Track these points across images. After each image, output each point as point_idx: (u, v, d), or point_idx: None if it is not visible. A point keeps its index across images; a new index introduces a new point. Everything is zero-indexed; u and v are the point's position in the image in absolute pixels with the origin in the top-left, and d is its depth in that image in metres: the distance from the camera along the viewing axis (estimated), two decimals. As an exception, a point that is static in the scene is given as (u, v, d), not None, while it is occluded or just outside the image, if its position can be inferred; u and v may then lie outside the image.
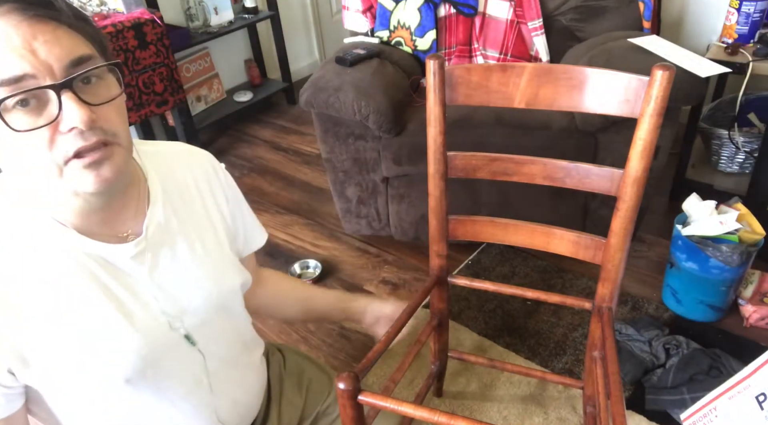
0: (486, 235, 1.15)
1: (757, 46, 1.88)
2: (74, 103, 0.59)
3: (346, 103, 1.70)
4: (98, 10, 2.30)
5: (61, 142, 0.60)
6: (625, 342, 1.56)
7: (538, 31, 1.98)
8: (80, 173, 0.62)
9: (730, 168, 2.12)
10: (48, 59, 0.58)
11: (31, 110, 0.59)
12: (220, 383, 0.87)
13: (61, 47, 0.59)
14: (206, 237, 0.84)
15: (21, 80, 0.57)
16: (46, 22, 0.59)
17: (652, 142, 0.88)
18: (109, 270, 0.72)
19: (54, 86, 0.59)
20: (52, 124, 0.60)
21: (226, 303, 0.88)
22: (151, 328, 0.75)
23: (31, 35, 0.58)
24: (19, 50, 0.57)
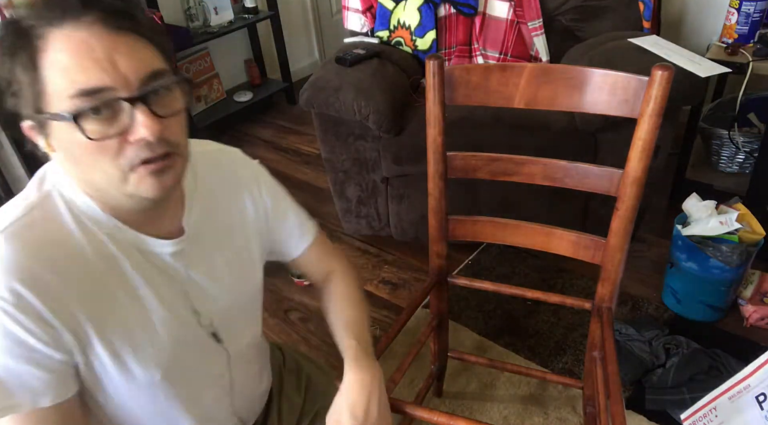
0: (486, 235, 1.15)
1: (757, 46, 1.88)
2: (146, 116, 0.61)
3: (346, 103, 1.70)
4: (98, 10, 2.29)
5: (129, 150, 0.62)
6: (625, 342, 1.56)
7: (538, 31, 1.98)
8: (144, 180, 0.64)
9: (730, 168, 2.11)
10: (126, 72, 0.60)
11: (104, 119, 0.60)
12: (239, 378, 0.90)
13: (138, 60, 0.61)
14: (237, 238, 0.85)
15: (100, 91, 0.59)
16: (127, 34, 0.61)
17: (651, 142, 0.88)
18: (152, 263, 0.74)
19: (130, 99, 0.60)
20: (122, 133, 0.61)
21: (250, 303, 0.91)
22: (182, 324, 0.77)
23: (113, 47, 0.59)
24: (101, 63, 0.59)
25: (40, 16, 0.59)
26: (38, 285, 0.62)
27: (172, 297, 0.76)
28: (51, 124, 0.61)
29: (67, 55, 0.58)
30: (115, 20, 0.60)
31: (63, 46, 0.58)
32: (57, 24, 0.58)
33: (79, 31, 0.58)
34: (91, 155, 0.62)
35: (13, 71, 0.60)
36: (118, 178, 0.63)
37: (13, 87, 0.61)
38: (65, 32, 0.58)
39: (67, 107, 0.59)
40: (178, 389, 0.79)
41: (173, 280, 0.76)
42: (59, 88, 0.59)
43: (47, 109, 0.60)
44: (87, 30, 0.59)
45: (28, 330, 0.62)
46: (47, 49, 0.59)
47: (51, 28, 0.59)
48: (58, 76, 0.59)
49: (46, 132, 0.63)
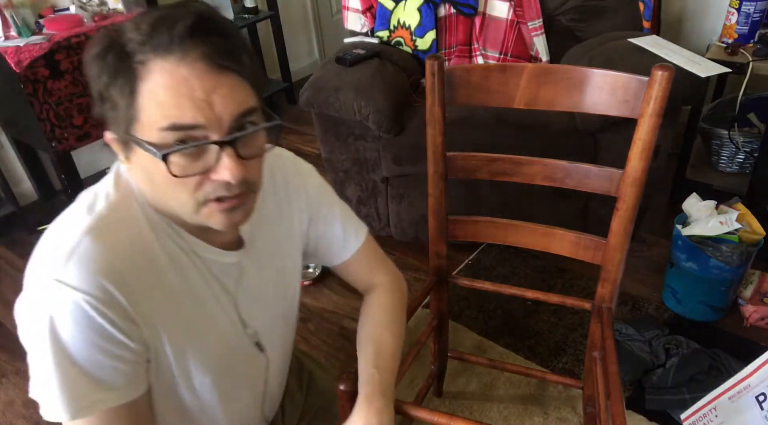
0: (486, 235, 1.15)
1: (757, 46, 1.88)
2: (231, 159, 0.61)
3: (346, 103, 1.70)
4: (98, 10, 2.30)
5: (207, 186, 0.63)
6: (625, 342, 1.56)
7: (538, 31, 1.98)
8: (214, 215, 0.65)
9: (730, 168, 2.11)
10: (221, 113, 0.60)
11: (189, 155, 0.60)
12: (272, 384, 0.93)
13: (234, 101, 0.61)
14: (285, 247, 0.86)
15: (192, 129, 0.59)
16: (228, 74, 0.60)
17: (651, 142, 0.88)
18: (211, 272, 0.74)
19: (220, 143, 0.60)
20: (205, 171, 0.62)
21: (290, 310, 0.92)
22: (232, 333, 0.79)
23: (212, 87, 0.59)
24: (198, 102, 0.58)
25: (145, 42, 0.58)
26: (123, 284, 0.63)
27: (223, 306, 0.77)
28: (136, 146, 0.61)
29: (166, 90, 0.58)
30: (219, 58, 0.59)
31: (163, 81, 0.58)
32: (161, 54, 0.57)
33: (181, 68, 0.58)
34: (169, 185, 0.62)
35: (109, 89, 0.60)
36: (191, 208, 0.64)
37: (107, 103, 0.61)
38: (168, 66, 0.58)
39: (156, 138, 0.59)
40: (222, 393, 0.80)
41: (226, 290, 0.77)
42: (152, 119, 0.59)
43: (137, 135, 0.60)
44: (189, 67, 0.58)
45: (115, 326, 0.63)
46: (147, 79, 0.58)
47: (155, 57, 0.58)
48: (154, 107, 0.58)
49: (129, 149, 0.63)
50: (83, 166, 2.67)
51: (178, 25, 0.57)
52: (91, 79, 0.61)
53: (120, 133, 0.62)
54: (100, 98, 0.61)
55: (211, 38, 0.59)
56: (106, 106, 0.61)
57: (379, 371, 0.85)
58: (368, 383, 0.83)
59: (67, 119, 2.12)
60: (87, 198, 0.69)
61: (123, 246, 0.65)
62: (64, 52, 2.03)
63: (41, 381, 0.64)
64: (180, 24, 0.57)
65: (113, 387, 0.65)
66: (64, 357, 0.62)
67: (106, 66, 0.59)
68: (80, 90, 2.12)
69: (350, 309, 1.84)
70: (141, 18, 0.59)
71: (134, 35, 0.58)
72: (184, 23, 0.57)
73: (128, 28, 0.59)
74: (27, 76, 1.96)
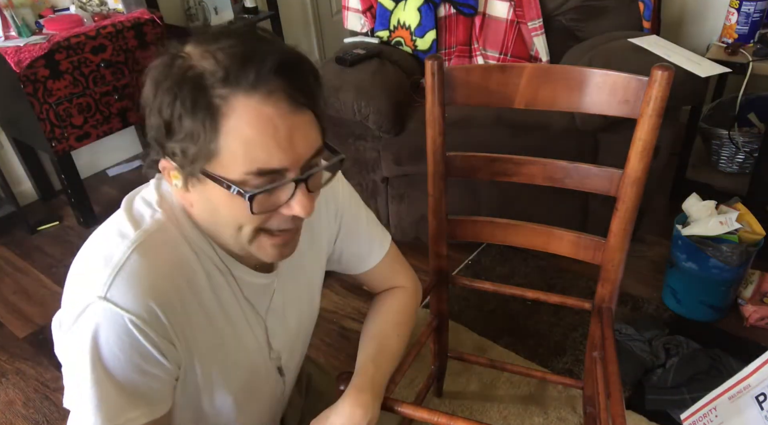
0: (486, 236, 1.15)
1: (757, 46, 1.88)
2: (304, 196, 0.62)
3: (346, 103, 1.70)
4: (98, 10, 2.30)
5: (275, 220, 0.64)
6: (625, 342, 1.56)
7: (538, 31, 1.97)
8: (266, 248, 0.66)
9: (730, 168, 2.11)
10: (301, 153, 0.60)
11: (266, 193, 0.60)
12: (284, 401, 0.94)
13: (310, 140, 0.61)
14: (311, 263, 0.86)
15: (276, 173, 0.59)
16: (304, 111, 0.60)
17: (651, 142, 0.88)
18: (244, 293, 0.75)
19: (297, 180, 0.61)
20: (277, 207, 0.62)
21: (310, 328, 0.93)
22: (258, 356, 0.80)
23: (293, 127, 0.58)
24: (283, 143, 0.58)
25: (229, 77, 0.56)
26: (167, 304, 0.63)
27: (254, 328, 0.78)
28: (204, 180, 0.60)
29: (253, 130, 0.57)
30: (300, 96, 0.59)
31: (250, 120, 0.56)
32: (247, 91, 0.56)
33: (266, 106, 0.57)
34: (236, 219, 0.62)
35: (183, 121, 0.57)
36: (248, 238, 0.64)
37: (178, 135, 0.58)
38: (253, 104, 0.56)
39: (238, 179, 0.58)
40: (240, 409, 0.81)
41: (257, 313, 0.77)
42: (236, 159, 0.58)
43: (214, 171, 0.59)
44: (274, 106, 0.57)
45: (156, 347, 0.63)
46: (230, 116, 0.56)
47: (238, 94, 0.56)
48: (240, 147, 0.57)
49: (194, 180, 0.61)
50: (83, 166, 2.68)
51: (266, 62, 0.56)
52: (157, 108, 0.58)
53: (192, 168, 0.60)
54: (167, 128, 0.59)
55: (295, 76, 0.58)
56: (175, 137, 0.59)
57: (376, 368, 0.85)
58: (362, 375, 0.84)
59: (67, 119, 2.12)
60: (131, 212, 0.67)
61: (169, 266, 0.65)
62: (64, 52, 2.03)
63: (76, 395, 0.64)
64: (268, 61, 0.56)
65: (146, 404, 0.65)
66: (103, 375, 0.62)
67: (182, 97, 0.56)
68: (80, 90, 2.12)
69: (350, 310, 1.84)
70: (216, 49, 0.57)
71: (213, 67, 0.56)
72: (273, 60, 0.56)
73: (201, 57, 0.57)
74: (27, 76, 1.96)
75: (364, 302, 1.86)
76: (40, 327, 1.88)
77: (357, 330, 1.74)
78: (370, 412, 0.79)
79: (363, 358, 0.87)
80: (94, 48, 2.12)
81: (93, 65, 2.13)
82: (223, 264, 0.71)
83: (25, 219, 2.38)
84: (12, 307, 1.98)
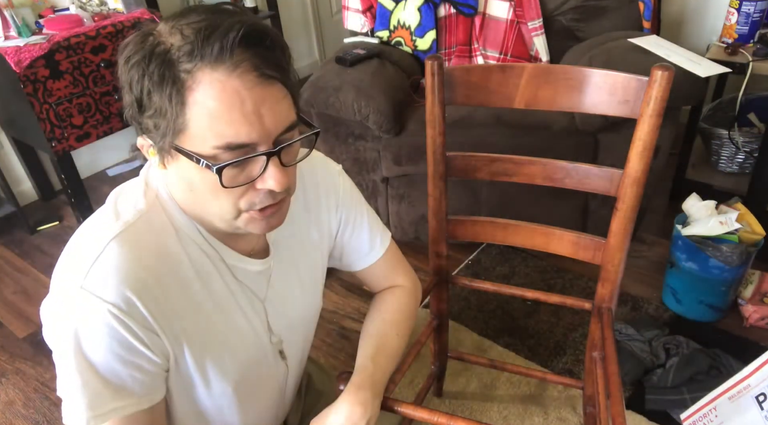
0: (486, 236, 1.15)
1: (757, 46, 1.88)
2: (277, 169, 0.61)
3: (346, 103, 1.70)
4: (98, 10, 2.30)
5: (252, 195, 0.63)
6: (625, 342, 1.56)
7: (538, 31, 1.98)
8: (254, 221, 0.66)
9: (730, 168, 2.11)
10: (270, 127, 0.60)
11: (239, 167, 0.61)
12: (289, 391, 0.93)
13: (280, 114, 0.61)
14: (311, 253, 0.86)
15: (245, 147, 0.59)
16: (273, 84, 0.60)
17: (651, 142, 0.88)
18: (238, 279, 0.75)
19: (268, 154, 0.60)
20: (251, 181, 0.62)
21: (313, 317, 0.92)
22: (257, 340, 0.79)
23: (261, 100, 0.58)
24: (250, 117, 0.58)
25: (194, 50, 0.56)
26: (146, 294, 0.63)
27: (253, 313, 0.77)
28: (179, 155, 0.60)
29: (218, 103, 0.57)
30: (267, 68, 0.58)
31: (215, 93, 0.56)
32: (211, 64, 0.56)
33: (232, 79, 0.56)
34: (212, 194, 0.62)
35: (152, 97, 0.58)
36: (231, 215, 0.64)
37: (148, 111, 0.59)
38: (218, 76, 0.56)
39: (208, 153, 0.58)
40: (241, 399, 0.81)
41: (256, 297, 0.77)
42: (204, 133, 0.58)
43: (184, 145, 0.59)
44: (240, 79, 0.57)
45: (137, 337, 0.63)
46: (196, 89, 0.56)
47: (204, 67, 0.56)
48: (205, 121, 0.57)
49: (168, 156, 0.62)
50: (83, 166, 2.68)
51: (230, 34, 0.56)
52: (128, 84, 0.59)
53: (163, 142, 0.60)
54: (138, 104, 0.59)
55: (261, 48, 0.58)
56: (147, 114, 0.59)
57: (375, 366, 0.85)
58: (361, 373, 0.83)
59: (67, 119, 2.12)
60: (115, 203, 0.68)
61: (148, 255, 0.65)
62: (64, 52, 2.03)
63: (65, 384, 0.65)
64: (232, 33, 0.56)
65: (131, 395, 0.65)
66: (85, 365, 0.63)
67: (149, 72, 0.57)
68: (80, 90, 2.12)
69: (350, 309, 1.84)
70: (184, 24, 0.58)
71: (179, 42, 0.57)
72: (236, 33, 0.56)
73: (167, 31, 0.58)
74: (27, 76, 1.96)
75: (364, 302, 1.86)
76: (40, 327, 1.87)
77: (357, 330, 1.74)
78: (369, 410, 0.79)
79: (362, 357, 0.87)
80: (94, 48, 2.12)
81: (93, 65, 2.13)
82: (214, 250, 0.71)
83: (25, 220, 2.38)
84: (12, 307, 1.98)
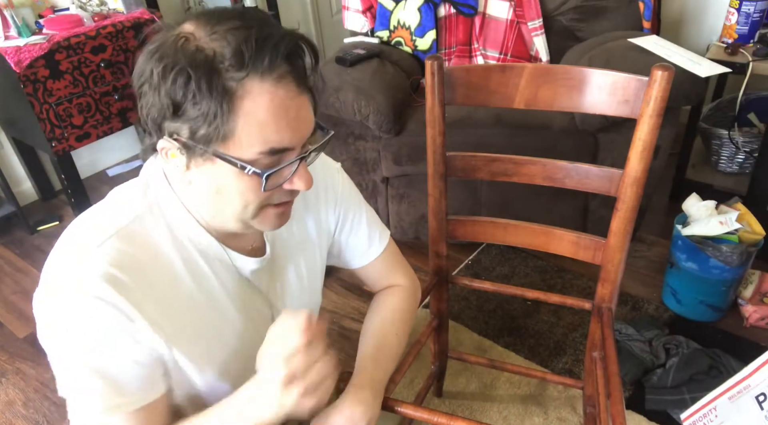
0: (486, 236, 1.15)
1: (757, 46, 1.88)
2: (305, 171, 0.66)
3: (346, 103, 1.70)
4: (98, 10, 2.30)
5: (277, 195, 0.67)
6: (625, 342, 1.56)
7: (538, 31, 1.98)
8: (269, 218, 0.68)
9: (730, 168, 2.11)
10: (303, 133, 0.64)
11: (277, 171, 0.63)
12: None
13: (310, 120, 0.65)
14: (310, 250, 0.86)
15: (285, 151, 0.62)
16: (305, 93, 0.63)
17: (651, 142, 0.88)
18: (237, 278, 0.75)
19: (301, 159, 0.65)
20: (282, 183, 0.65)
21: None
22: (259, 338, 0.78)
23: (298, 108, 0.62)
24: (292, 124, 0.61)
25: (243, 61, 0.57)
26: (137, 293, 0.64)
27: (256, 310, 0.78)
28: (213, 159, 0.61)
29: (267, 112, 0.59)
30: (304, 78, 0.62)
31: (264, 103, 0.59)
32: (261, 75, 0.58)
33: (278, 90, 0.59)
34: (244, 196, 0.64)
35: (198, 103, 0.58)
36: (251, 213, 0.66)
37: (189, 115, 0.59)
38: (267, 88, 0.59)
39: (250, 158, 0.61)
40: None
41: (259, 293, 0.78)
42: (252, 140, 0.60)
43: (226, 151, 0.60)
44: (285, 88, 0.60)
45: (125, 330, 0.64)
46: (246, 98, 0.58)
47: (254, 77, 0.58)
48: (254, 129, 0.59)
49: (199, 160, 0.62)
50: (83, 166, 2.68)
51: (279, 47, 0.58)
52: (159, 87, 0.59)
53: (205, 147, 0.60)
54: (175, 108, 0.59)
55: (302, 60, 0.61)
56: (183, 117, 0.59)
57: (376, 366, 0.85)
58: (361, 374, 0.83)
59: (67, 119, 2.12)
60: (112, 203, 0.69)
61: (140, 256, 0.66)
62: (64, 52, 2.03)
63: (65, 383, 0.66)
64: (281, 46, 0.58)
65: (128, 392, 0.66)
66: (83, 359, 0.63)
67: (196, 79, 0.57)
68: (80, 90, 2.12)
69: (350, 309, 1.84)
70: (223, 30, 0.58)
71: (226, 50, 0.57)
72: (286, 46, 0.59)
73: (210, 39, 0.58)
74: (27, 76, 1.96)
75: (364, 302, 1.86)
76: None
77: (357, 330, 1.74)
78: (370, 410, 0.79)
79: (362, 357, 0.87)
80: (94, 48, 2.12)
81: (93, 65, 2.13)
82: (216, 250, 0.72)
83: (25, 220, 2.38)
84: (12, 307, 1.98)
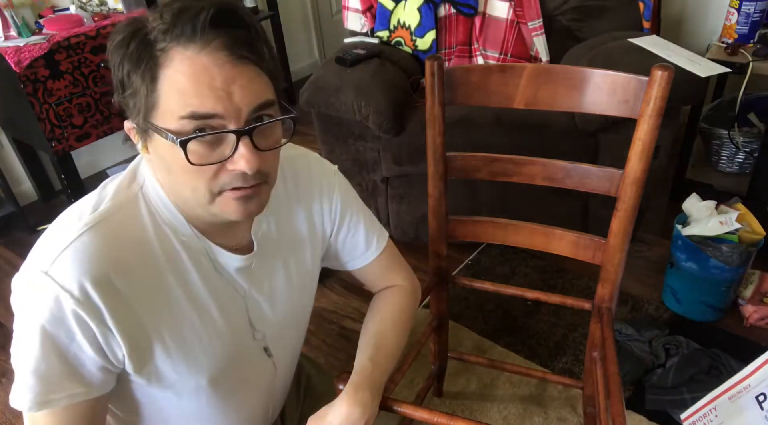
0: (486, 236, 1.15)
1: (757, 46, 1.88)
2: (248, 150, 0.62)
3: (346, 103, 1.70)
4: (98, 10, 2.30)
5: (223, 176, 0.64)
6: (625, 342, 1.56)
7: (538, 31, 1.98)
8: (229, 204, 0.66)
9: (730, 168, 2.11)
10: (240, 104, 0.60)
11: (206, 144, 0.61)
12: (279, 389, 0.93)
13: (252, 93, 0.61)
14: (300, 250, 0.85)
15: (210, 118, 0.60)
16: (247, 64, 0.61)
17: (651, 142, 0.88)
18: (219, 274, 0.75)
19: (238, 132, 0.61)
20: (222, 161, 0.62)
21: (302, 316, 0.92)
22: (237, 336, 0.79)
23: (232, 78, 0.60)
24: (218, 91, 0.59)
25: (168, 30, 0.58)
26: (107, 288, 0.64)
27: (233, 309, 0.77)
28: (154, 134, 0.62)
29: (187, 78, 0.58)
30: (239, 49, 0.60)
31: (184, 69, 0.58)
32: (183, 43, 0.59)
33: (202, 56, 0.59)
34: (186, 173, 0.63)
35: (131, 76, 0.60)
36: (206, 198, 0.65)
37: (128, 90, 0.61)
38: (189, 54, 0.59)
39: (175, 126, 0.60)
40: (223, 396, 0.80)
41: (236, 293, 0.77)
42: (172, 106, 0.59)
43: (155, 122, 0.61)
44: (210, 56, 0.59)
45: (84, 330, 0.64)
46: (168, 66, 0.59)
47: (176, 45, 0.59)
48: (174, 95, 0.59)
49: (147, 137, 0.64)
50: (83, 166, 2.68)
51: (201, 14, 0.58)
52: (113, 67, 0.61)
53: (139, 121, 0.62)
54: (121, 85, 0.62)
55: (233, 29, 0.60)
56: (126, 94, 0.61)
57: (374, 366, 0.85)
58: (360, 373, 0.83)
59: (67, 119, 2.12)
60: (97, 194, 0.69)
61: (119, 248, 0.65)
62: (64, 52, 2.03)
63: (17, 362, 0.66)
64: (203, 14, 0.58)
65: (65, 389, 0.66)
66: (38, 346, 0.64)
67: (129, 53, 0.59)
68: (80, 90, 2.12)
69: (350, 309, 1.84)
70: (165, 8, 0.60)
71: (157, 23, 0.59)
72: (207, 13, 0.58)
73: (151, 17, 0.60)
74: (27, 76, 1.96)
75: (364, 302, 1.86)
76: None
77: (357, 330, 1.74)
78: (368, 410, 0.79)
79: (361, 357, 0.86)
80: (94, 48, 2.12)
81: (93, 65, 2.13)
82: (197, 243, 0.71)
83: (25, 220, 2.38)
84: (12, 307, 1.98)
